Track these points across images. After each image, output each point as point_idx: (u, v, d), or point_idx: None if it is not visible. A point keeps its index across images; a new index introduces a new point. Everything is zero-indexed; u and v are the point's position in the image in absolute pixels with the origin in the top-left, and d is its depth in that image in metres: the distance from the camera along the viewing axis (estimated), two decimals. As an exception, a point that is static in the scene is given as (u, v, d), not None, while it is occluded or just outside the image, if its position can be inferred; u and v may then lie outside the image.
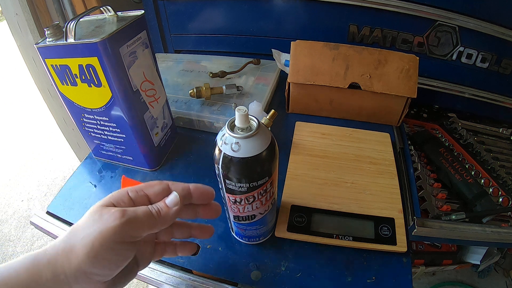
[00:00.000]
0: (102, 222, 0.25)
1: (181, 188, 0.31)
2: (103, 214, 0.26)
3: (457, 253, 0.81)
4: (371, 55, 0.59)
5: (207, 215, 0.34)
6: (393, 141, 0.60)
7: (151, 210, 0.28)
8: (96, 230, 0.25)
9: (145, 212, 0.27)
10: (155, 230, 0.28)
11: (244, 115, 0.30)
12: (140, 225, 0.27)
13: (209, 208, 0.34)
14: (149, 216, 0.27)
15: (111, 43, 0.39)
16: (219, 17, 0.81)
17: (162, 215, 0.28)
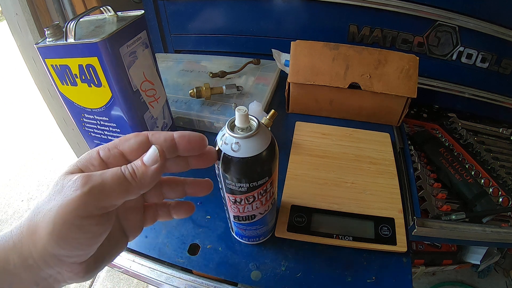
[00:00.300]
0: (62, 193, 0.21)
1: (163, 139, 0.24)
2: (64, 184, 0.21)
3: (457, 253, 0.81)
4: (371, 55, 0.59)
5: (200, 164, 0.27)
6: (393, 141, 0.60)
7: (123, 172, 0.22)
8: (57, 204, 0.20)
9: (114, 175, 0.21)
10: (131, 196, 0.22)
11: (244, 115, 0.30)
12: (109, 193, 0.21)
13: (202, 157, 0.27)
14: (120, 179, 0.22)
15: (111, 43, 0.39)
16: (219, 17, 0.81)
17: (138, 176, 0.22)
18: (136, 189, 0.22)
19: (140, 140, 0.24)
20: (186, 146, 0.25)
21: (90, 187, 0.21)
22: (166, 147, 0.24)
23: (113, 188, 0.21)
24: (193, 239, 0.45)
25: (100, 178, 0.21)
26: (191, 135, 0.25)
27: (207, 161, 0.28)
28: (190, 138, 0.25)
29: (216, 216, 0.48)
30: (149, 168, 0.23)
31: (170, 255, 0.43)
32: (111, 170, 0.22)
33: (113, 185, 0.21)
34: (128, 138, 0.25)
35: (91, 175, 0.21)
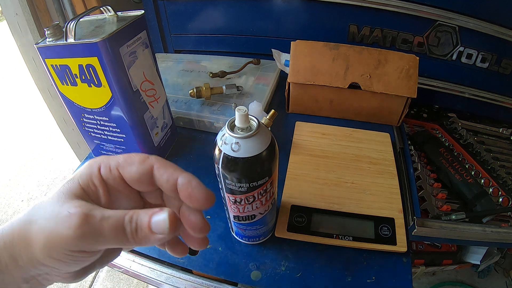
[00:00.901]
0: (58, 221, 0.20)
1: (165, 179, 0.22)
2: (62, 209, 0.20)
3: (457, 253, 0.81)
4: (371, 55, 0.59)
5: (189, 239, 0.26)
6: (393, 141, 0.60)
7: (125, 227, 0.20)
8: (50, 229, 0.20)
9: (115, 227, 0.20)
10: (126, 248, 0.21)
11: (244, 115, 0.30)
12: (103, 241, 0.20)
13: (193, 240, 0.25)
14: (119, 234, 0.20)
15: (111, 43, 0.39)
16: (219, 17, 0.81)
17: (139, 237, 0.20)
18: (131, 245, 0.21)
19: (143, 171, 0.23)
20: (187, 199, 0.22)
21: (85, 232, 0.20)
22: (166, 189, 0.23)
23: (109, 239, 0.20)
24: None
25: (98, 225, 0.20)
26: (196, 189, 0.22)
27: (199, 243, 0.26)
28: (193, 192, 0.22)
29: (216, 216, 0.48)
30: (153, 235, 0.21)
31: (170, 255, 0.43)
32: (113, 219, 0.20)
33: (110, 236, 0.20)
34: (132, 162, 0.23)
35: (90, 218, 0.20)
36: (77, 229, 0.19)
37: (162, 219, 0.20)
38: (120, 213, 0.21)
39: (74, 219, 0.19)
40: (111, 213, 0.21)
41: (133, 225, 0.20)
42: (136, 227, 0.20)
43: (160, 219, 0.20)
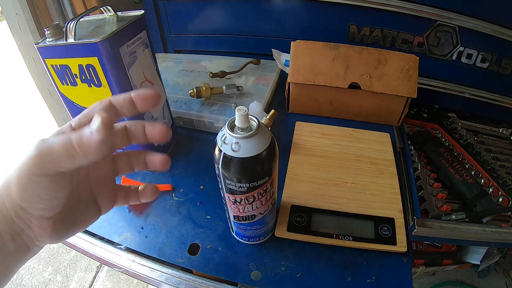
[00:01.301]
0: (26, 153, 0.23)
1: (122, 99, 0.27)
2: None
3: (457, 253, 0.81)
4: (371, 55, 0.59)
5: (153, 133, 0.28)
6: (393, 141, 0.60)
7: (71, 139, 0.23)
8: (20, 161, 0.23)
9: (62, 141, 0.23)
10: (79, 162, 0.23)
11: (244, 115, 0.30)
12: (56, 157, 0.23)
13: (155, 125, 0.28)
14: (67, 146, 0.23)
15: (111, 43, 0.39)
16: (219, 17, 0.81)
17: (84, 144, 0.23)
18: (82, 155, 0.23)
19: (104, 106, 0.27)
20: (142, 103, 0.27)
21: (40, 150, 0.23)
22: (126, 105, 0.27)
23: (60, 153, 0.23)
24: (193, 239, 0.45)
25: (50, 142, 0.23)
26: (145, 93, 0.27)
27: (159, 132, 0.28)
28: (144, 95, 0.27)
29: (216, 216, 0.48)
30: (94, 136, 0.23)
31: (170, 255, 0.43)
32: (62, 137, 0.23)
33: (60, 150, 0.23)
34: (95, 105, 0.27)
35: (46, 140, 0.23)
36: (35, 149, 0.23)
37: (95, 120, 0.24)
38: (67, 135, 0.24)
39: (36, 144, 0.23)
40: (60, 136, 0.24)
41: (77, 136, 0.23)
42: (79, 136, 0.23)
43: (94, 120, 0.24)
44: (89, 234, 0.47)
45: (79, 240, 0.47)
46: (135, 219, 0.48)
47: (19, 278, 1.23)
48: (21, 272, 1.25)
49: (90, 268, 1.27)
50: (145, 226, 0.47)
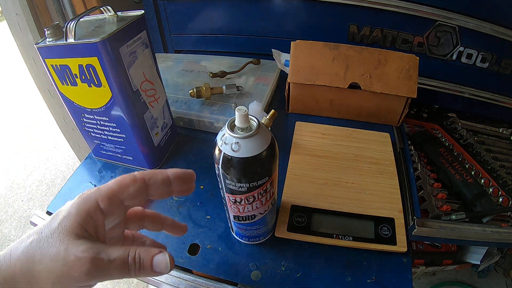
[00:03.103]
0: (66, 264, 0.22)
1: (160, 182, 0.26)
2: (68, 253, 0.22)
3: (457, 253, 0.81)
4: (371, 55, 0.59)
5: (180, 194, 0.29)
6: (393, 141, 0.60)
7: (129, 267, 0.23)
8: (59, 271, 0.22)
9: (120, 268, 0.23)
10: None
11: (244, 115, 0.30)
12: (108, 278, 0.23)
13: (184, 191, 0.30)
14: (123, 272, 0.23)
15: (111, 43, 0.39)
16: (219, 17, 0.81)
17: (140, 274, 0.24)
18: (132, 277, 0.24)
19: (138, 188, 0.25)
20: (180, 184, 0.27)
21: (94, 275, 0.22)
22: (162, 187, 0.26)
23: (114, 276, 0.23)
24: (193, 239, 0.45)
25: (106, 267, 0.22)
26: (185, 174, 0.28)
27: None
28: (184, 177, 0.27)
29: (216, 216, 0.48)
30: (154, 273, 0.24)
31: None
32: (118, 261, 0.23)
33: (115, 274, 0.23)
34: (126, 184, 0.25)
35: (98, 262, 0.22)
36: (88, 273, 0.22)
37: (163, 260, 0.24)
38: (123, 254, 0.23)
39: (84, 264, 0.22)
40: (115, 254, 0.23)
41: (136, 265, 0.23)
42: (139, 267, 0.23)
43: (161, 260, 0.24)
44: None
45: (79, 240, 0.47)
46: (135, 219, 0.48)
47: (19, 278, 1.23)
48: (21, 272, 1.25)
49: (90, 268, 1.27)
50: (145, 226, 0.47)
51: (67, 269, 0.22)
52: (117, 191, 0.25)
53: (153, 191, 0.26)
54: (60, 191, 0.53)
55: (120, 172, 0.55)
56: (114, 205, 0.25)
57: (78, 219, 0.24)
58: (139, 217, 0.31)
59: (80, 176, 0.56)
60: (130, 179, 0.26)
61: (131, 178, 0.26)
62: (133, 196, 0.25)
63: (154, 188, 0.26)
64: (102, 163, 0.57)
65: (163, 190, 0.27)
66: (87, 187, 0.53)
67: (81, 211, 0.24)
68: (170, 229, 0.32)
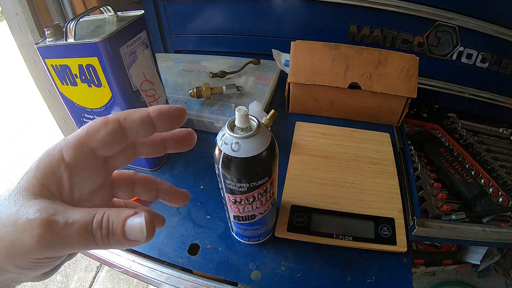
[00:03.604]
0: (17, 228, 0.17)
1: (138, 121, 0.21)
2: (19, 214, 0.18)
3: (457, 253, 0.81)
4: (371, 55, 0.59)
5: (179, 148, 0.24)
6: (393, 141, 0.59)
7: (93, 233, 0.18)
8: (9, 238, 0.17)
9: (80, 233, 0.17)
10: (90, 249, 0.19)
11: (244, 115, 0.30)
12: (68, 247, 0.18)
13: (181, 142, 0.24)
14: (86, 240, 0.18)
15: (111, 43, 0.39)
16: (219, 17, 0.81)
17: (110, 243, 0.18)
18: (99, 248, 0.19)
19: (111, 130, 0.20)
20: (166, 124, 0.21)
21: (48, 241, 0.17)
22: (143, 130, 0.21)
23: (75, 245, 0.18)
24: (193, 239, 0.45)
25: (62, 231, 0.17)
26: (170, 110, 0.21)
27: (187, 144, 0.24)
28: (170, 113, 0.21)
29: (216, 216, 0.48)
30: (127, 241, 0.18)
31: (170, 255, 0.43)
32: (79, 225, 0.17)
33: (76, 242, 0.18)
34: (96, 127, 0.20)
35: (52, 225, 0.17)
36: (39, 238, 0.17)
37: (138, 223, 0.18)
38: (86, 216, 0.18)
39: (34, 228, 0.17)
40: (76, 216, 0.18)
41: (103, 231, 0.18)
42: (107, 233, 0.18)
43: (135, 223, 0.18)
44: (89, 234, 0.47)
45: (79, 240, 0.47)
46: (135, 219, 0.48)
47: (19, 278, 1.23)
48: (21, 272, 1.25)
49: (90, 268, 1.27)
50: (145, 226, 0.47)
51: (17, 235, 0.17)
52: (85, 137, 0.20)
53: (132, 134, 0.21)
54: (60, 191, 0.53)
55: (120, 172, 0.55)
56: (82, 156, 0.20)
57: (37, 174, 0.19)
58: (128, 181, 0.24)
59: (80, 176, 0.55)
60: (100, 122, 0.20)
61: (102, 121, 0.20)
62: (106, 142, 0.20)
63: (132, 130, 0.21)
64: (102, 163, 0.57)
65: (144, 132, 0.21)
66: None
67: (40, 165, 0.20)
68: (167, 197, 0.25)
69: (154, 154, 0.24)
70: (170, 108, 0.21)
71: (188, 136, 0.24)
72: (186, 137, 0.24)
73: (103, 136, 0.20)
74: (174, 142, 0.24)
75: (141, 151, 0.24)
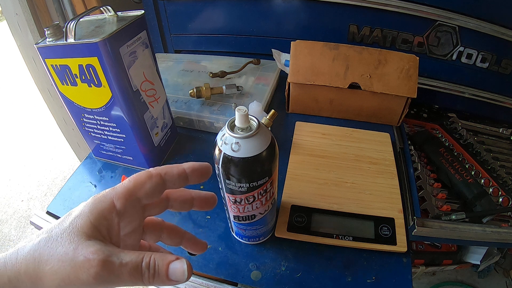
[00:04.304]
0: (74, 265, 0.21)
1: (176, 176, 0.25)
2: (77, 253, 0.21)
3: (457, 253, 0.81)
4: (371, 55, 0.59)
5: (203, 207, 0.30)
6: (393, 141, 0.60)
7: (142, 272, 0.21)
8: (66, 273, 0.21)
9: (132, 273, 0.21)
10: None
11: (244, 115, 0.30)
12: (119, 283, 0.21)
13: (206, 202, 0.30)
14: (136, 278, 0.21)
15: (111, 43, 0.39)
16: (219, 17, 0.81)
17: (154, 282, 0.22)
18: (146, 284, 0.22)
19: (155, 184, 0.24)
20: (197, 178, 0.27)
21: (104, 279, 0.21)
22: (179, 182, 0.26)
23: (126, 282, 0.21)
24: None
25: (117, 271, 0.21)
26: (202, 167, 0.27)
27: (210, 205, 0.30)
28: (201, 170, 0.27)
29: (216, 216, 0.48)
30: (170, 281, 0.22)
31: (170, 255, 0.43)
32: (131, 265, 0.21)
33: (127, 280, 0.21)
34: (142, 181, 0.24)
35: (108, 265, 0.21)
36: (96, 276, 0.20)
37: (180, 268, 0.22)
38: (136, 258, 0.22)
39: (93, 266, 0.20)
40: (128, 258, 0.21)
41: (150, 272, 0.22)
42: (153, 274, 0.22)
43: (178, 268, 0.22)
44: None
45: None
46: (135, 219, 0.48)
47: (19, 278, 1.23)
48: (21, 272, 1.25)
49: (90, 268, 1.27)
50: (145, 226, 0.47)
51: (75, 271, 0.20)
52: (133, 189, 0.24)
53: (170, 186, 0.25)
54: (60, 191, 0.53)
55: (120, 172, 0.55)
56: (130, 205, 0.24)
57: (91, 218, 0.22)
58: (157, 228, 0.29)
59: (80, 176, 0.56)
60: (146, 176, 0.24)
61: (147, 175, 0.24)
62: (150, 194, 0.24)
63: (171, 183, 0.25)
64: (102, 163, 0.57)
65: (179, 184, 0.26)
66: (87, 187, 0.53)
67: (94, 210, 0.23)
68: (189, 245, 0.31)
69: (182, 209, 0.29)
70: (201, 166, 0.27)
71: (211, 198, 0.30)
72: (210, 199, 0.30)
73: (149, 188, 0.24)
74: (200, 202, 0.29)
75: (172, 205, 0.28)
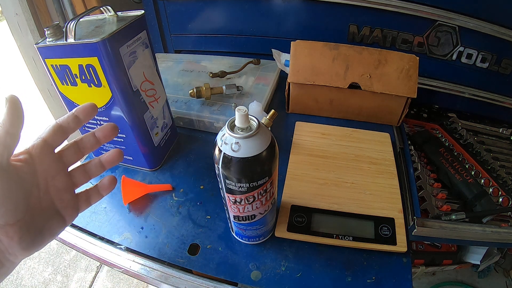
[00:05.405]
0: None
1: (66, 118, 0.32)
2: None
3: (457, 253, 0.81)
4: (371, 55, 0.59)
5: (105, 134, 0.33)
6: (393, 141, 0.60)
7: None
8: None
9: None
10: None
11: (244, 115, 0.30)
12: None
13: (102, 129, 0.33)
14: None
15: (111, 43, 0.39)
16: (219, 17, 0.81)
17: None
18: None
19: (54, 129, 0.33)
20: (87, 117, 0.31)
21: None
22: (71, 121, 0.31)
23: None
24: (193, 239, 0.45)
25: None
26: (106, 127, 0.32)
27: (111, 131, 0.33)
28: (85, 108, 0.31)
29: (216, 216, 0.48)
30: None
31: (170, 255, 0.43)
32: None
33: None
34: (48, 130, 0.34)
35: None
36: None
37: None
38: None
39: None
40: None
41: None
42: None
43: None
44: (89, 234, 0.47)
45: (79, 240, 0.47)
46: (135, 219, 0.48)
47: (19, 278, 1.23)
48: (21, 272, 1.25)
49: (90, 268, 1.27)
50: (145, 226, 0.47)
51: None
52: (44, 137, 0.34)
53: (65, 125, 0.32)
54: (60, 191, 0.53)
55: (120, 172, 0.55)
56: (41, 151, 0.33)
57: None
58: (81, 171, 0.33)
59: (80, 176, 0.55)
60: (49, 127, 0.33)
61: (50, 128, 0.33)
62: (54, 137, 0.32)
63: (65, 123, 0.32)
64: (102, 163, 0.57)
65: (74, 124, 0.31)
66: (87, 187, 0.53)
67: None
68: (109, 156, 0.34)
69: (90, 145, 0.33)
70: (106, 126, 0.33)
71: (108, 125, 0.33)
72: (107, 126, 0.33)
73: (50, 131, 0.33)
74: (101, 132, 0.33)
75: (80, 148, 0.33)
